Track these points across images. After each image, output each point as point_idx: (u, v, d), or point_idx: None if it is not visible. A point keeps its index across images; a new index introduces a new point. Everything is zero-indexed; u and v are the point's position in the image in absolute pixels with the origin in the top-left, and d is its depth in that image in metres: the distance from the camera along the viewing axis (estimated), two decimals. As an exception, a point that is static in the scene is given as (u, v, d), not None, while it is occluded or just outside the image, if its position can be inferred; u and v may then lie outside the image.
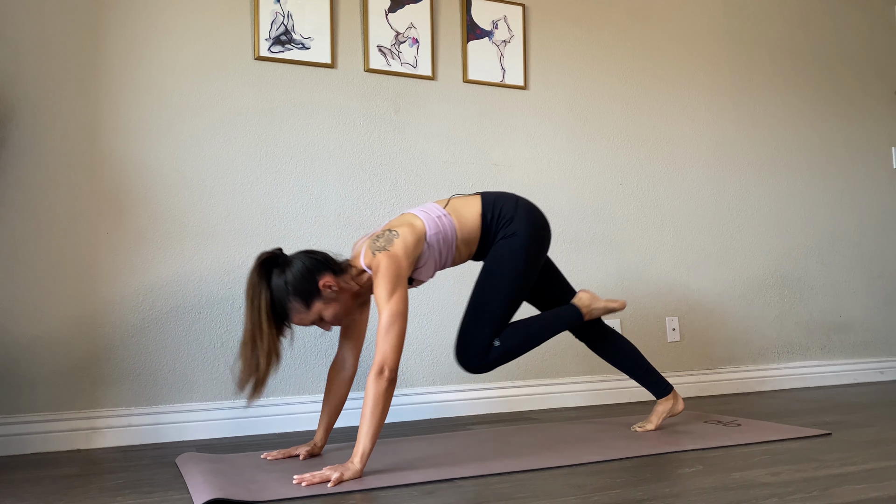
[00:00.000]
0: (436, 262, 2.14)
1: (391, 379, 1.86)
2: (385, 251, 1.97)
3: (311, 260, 1.96)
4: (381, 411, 1.84)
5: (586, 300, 2.35)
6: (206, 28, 2.70)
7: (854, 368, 3.82)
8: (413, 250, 2.02)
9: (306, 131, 2.82)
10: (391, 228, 2.05)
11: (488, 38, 3.15)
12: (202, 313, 2.62)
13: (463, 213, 2.19)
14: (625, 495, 1.63)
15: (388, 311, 1.89)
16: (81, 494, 1.77)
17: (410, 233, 2.04)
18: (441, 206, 2.20)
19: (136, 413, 2.49)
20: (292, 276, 1.92)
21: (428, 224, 2.10)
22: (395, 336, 1.88)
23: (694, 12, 3.63)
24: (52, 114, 2.48)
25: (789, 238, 3.76)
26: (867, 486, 1.67)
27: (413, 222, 2.08)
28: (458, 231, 2.16)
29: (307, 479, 1.74)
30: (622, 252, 3.35)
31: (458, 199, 2.24)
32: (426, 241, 2.08)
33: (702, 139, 3.59)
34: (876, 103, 4.05)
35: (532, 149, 3.21)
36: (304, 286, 1.93)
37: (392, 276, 1.93)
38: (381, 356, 1.87)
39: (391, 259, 1.95)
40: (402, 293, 1.93)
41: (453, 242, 2.16)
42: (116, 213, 2.53)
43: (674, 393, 2.47)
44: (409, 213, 2.15)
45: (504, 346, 2.18)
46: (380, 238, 2.02)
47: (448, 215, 2.16)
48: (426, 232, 2.09)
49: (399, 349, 1.89)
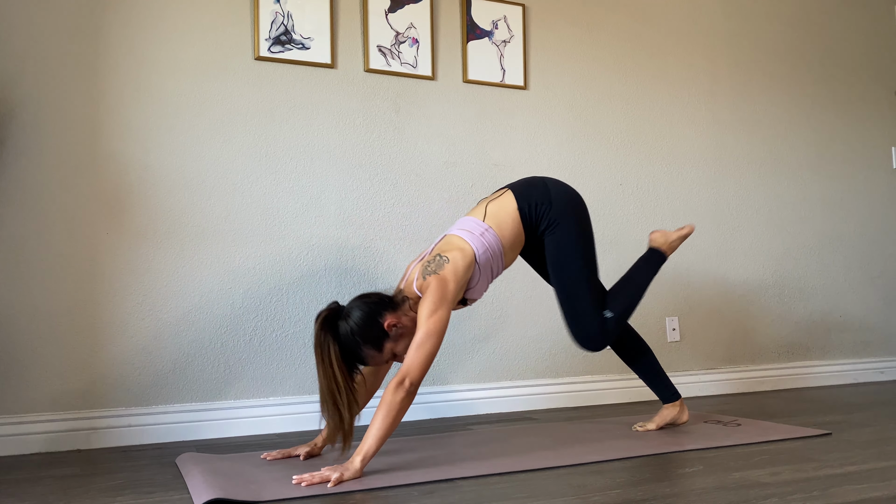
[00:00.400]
0: (487, 279, 2.17)
1: (410, 392, 1.87)
2: (435, 275, 2.01)
3: (368, 305, 1.99)
4: (392, 419, 1.84)
5: (660, 239, 2.44)
6: (206, 28, 2.70)
7: (854, 368, 3.82)
8: (463, 275, 2.06)
9: (306, 131, 2.82)
10: (441, 253, 2.07)
11: (488, 38, 3.15)
12: (202, 313, 2.62)
13: (502, 218, 2.19)
14: (625, 495, 1.63)
15: (426, 328, 1.92)
16: (81, 494, 1.77)
17: (461, 258, 2.06)
18: (479, 218, 2.19)
19: (136, 413, 2.49)
20: (357, 326, 1.96)
21: (476, 246, 2.11)
22: (425, 352, 1.90)
23: (694, 12, 3.63)
24: (53, 114, 2.48)
25: (789, 238, 3.76)
26: (867, 486, 1.67)
27: (462, 247, 2.10)
28: (502, 241, 2.17)
29: (306, 480, 1.74)
30: (622, 252, 3.35)
31: (492, 203, 2.23)
32: (477, 263, 2.10)
33: (702, 139, 3.59)
34: (876, 103, 4.05)
35: (532, 149, 3.21)
36: (371, 332, 1.97)
37: (437, 298, 1.97)
38: (406, 368, 1.89)
39: (440, 282, 2.00)
40: (443, 315, 1.96)
41: (500, 254, 2.18)
42: (116, 213, 2.53)
43: (681, 402, 2.47)
44: (454, 237, 2.15)
45: (616, 313, 2.27)
46: (431, 263, 2.06)
47: (490, 229, 2.16)
48: (475, 255, 2.10)
49: (426, 366, 1.91)
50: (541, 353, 3.15)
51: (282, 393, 2.70)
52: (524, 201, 2.22)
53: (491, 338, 3.06)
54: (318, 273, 2.79)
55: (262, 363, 2.69)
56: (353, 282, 2.84)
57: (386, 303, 2.02)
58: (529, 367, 3.13)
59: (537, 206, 2.22)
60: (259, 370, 2.68)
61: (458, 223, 2.22)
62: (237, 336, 2.66)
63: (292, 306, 2.74)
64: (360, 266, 2.85)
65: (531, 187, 2.26)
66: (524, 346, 3.12)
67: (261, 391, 2.67)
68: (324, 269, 2.80)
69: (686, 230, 2.47)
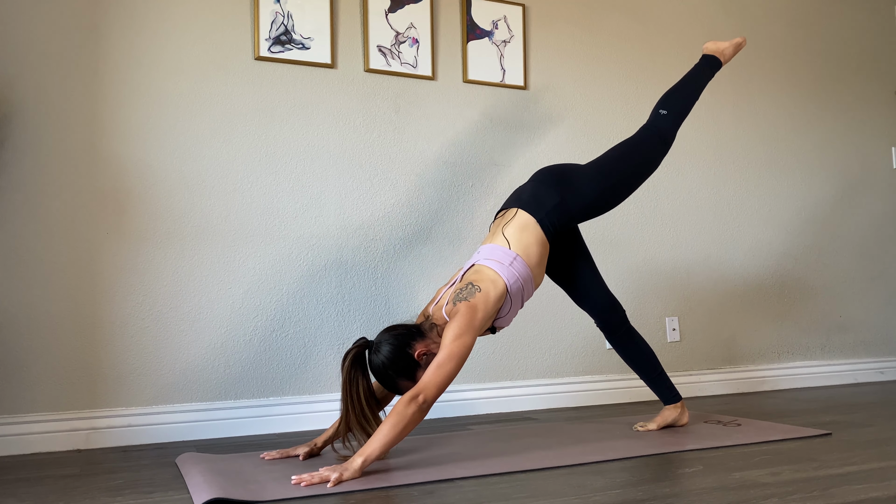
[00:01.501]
0: (516, 308, 2.18)
1: (423, 409, 1.87)
2: (466, 301, 2.01)
3: (395, 337, 2.00)
4: (400, 430, 1.84)
5: (712, 47, 2.58)
6: (206, 28, 2.70)
7: (854, 368, 3.82)
8: (494, 306, 2.05)
9: (306, 131, 2.82)
10: (473, 282, 2.07)
11: (488, 38, 3.15)
12: (202, 313, 2.62)
13: (527, 242, 2.17)
14: (625, 495, 1.63)
15: (449, 350, 1.92)
16: (81, 494, 1.77)
17: (493, 289, 2.06)
18: (505, 246, 2.16)
19: (136, 413, 2.49)
20: (388, 360, 1.97)
21: (507, 277, 2.10)
22: (445, 373, 1.90)
23: (694, 12, 3.63)
24: (53, 114, 2.48)
25: (789, 238, 3.76)
26: (867, 486, 1.67)
27: (494, 279, 2.08)
28: (530, 266, 2.16)
29: (306, 480, 1.74)
30: (622, 252, 3.35)
31: (508, 227, 2.20)
32: (509, 293, 2.10)
33: (702, 139, 3.59)
34: (876, 103, 4.05)
35: (532, 149, 3.21)
36: (403, 363, 1.98)
37: (465, 323, 1.97)
38: (423, 384, 1.88)
39: (469, 308, 2.00)
40: (468, 341, 1.95)
41: (531, 279, 2.17)
42: (116, 213, 2.53)
43: (682, 403, 2.47)
44: (486, 268, 2.12)
45: (670, 111, 2.39)
46: (463, 290, 2.06)
47: (518, 257, 2.14)
48: (507, 286, 2.09)
49: (443, 387, 1.90)
50: (541, 353, 3.15)
51: (282, 393, 2.70)
52: (539, 212, 2.21)
53: (491, 338, 3.06)
54: (318, 273, 2.79)
55: (262, 363, 2.69)
56: (353, 282, 2.84)
57: (413, 333, 2.03)
58: (529, 367, 3.13)
59: (554, 208, 2.21)
60: (259, 370, 2.68)
61: (485, 252, 2.17)
62: (237, 336, 2.66)
63: (292, 306, 2.74)
64: (360, 266, 2.86)
65: (532, 195, 2.25)
66: (524, 346, 3.12)
67: (261, 391, 2.67)
68: (324, 269, 2.80)
69: (739, 39, 2.60)
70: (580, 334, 3.20)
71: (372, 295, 2.87)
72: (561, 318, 3.18)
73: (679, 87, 2.49)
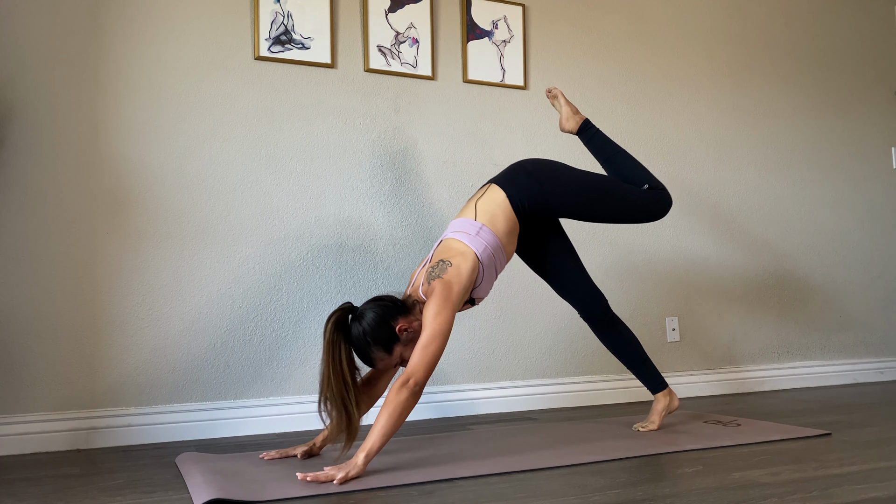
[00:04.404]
0: (491, 277, 2.19)
1: (415, 392, 1.88)
2: (440, 279, 2.03)
3: (381, 308, 2.01)
4: (397, 418, 1.85)
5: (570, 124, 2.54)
6: (206, 28, 2.70)
7: (854, 368, 3.82)
8: (468, 278, 2.07)
9: (306, 131, 2.82)
10: (444, 259, 2.09)
11: (488, 38, 3.15)
12: (202, 313, 2.62)
13: (493, 212, 2.21)
14: (625, 495, 1.63)
15: (431, 329, 1.94)
16: (81, 494, 1.77)
17: (463, 261, 2.08)
18: (471, 217, 2.20)
19: (136, 413, 2.49)
20: (369, 328, 1.98)
21: (475, 247, 2.12)
22: (431, 353, 1.92)
23: (694, 12, 3.63)
24: (53, 114, 2.48)
25: (789, 238, 3.76)
26: (867, 486, 1.67)
27: (463, 251, 2.11)
28: (499, 236, 2.18)
29: (311, 477, 1.75)
30: (622, 252, 3.35)
31: (480, 201, 2.25)
32: (480, 263, 2.12)
33: (702, 139, 3.59)
34: (875, 103, 4.05)
35: (532, 149, 3.21)
36: (383, 334, 1.98)
37: (442, 300, 1.98)
38: (411, 368, 1.90)
39: (444, 285, 2.01)
40: (448, 316, 1.97)
41: (500, 248, 2.19)
42: (116, 213, 2.53)
43: (669, 389, 2.50)
44: (453, 240, 2.16)
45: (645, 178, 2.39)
46: (435, 269, 2.08)
47: (483, 227, 2.17)
48: (477, 255, 2.11)
49: (431, 367, 1.92)
50: (541, 353, 3.15)
51: (282, 393, 2.70)
52: (512, 189, 2.24)
53: (491, 338, 3.07)
54: (318, 273, 2.79)
55: (262, 363, 2.69)
56: (353, 282, 2.84)
57: (399, 307, 2.04)
58: (529, 367, 3.13)
59: (527, 188, 2.24)
60: (259, 370, 2.68)
61: (452, 226, 2.23)
62: (237, 336, 2.66)
63: (292, 306, 2.74)
64: (360, 266, 2.86)
65: (513, 174, 2.28)
66: (524, 346, 3.12)
67: (261, 391, 2.67)
68: (324, 269, 2.80)
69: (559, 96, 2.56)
70: (580, 334, 3.19)
71: (372, 294, 2.86)
72: (561, 319, 3.18)
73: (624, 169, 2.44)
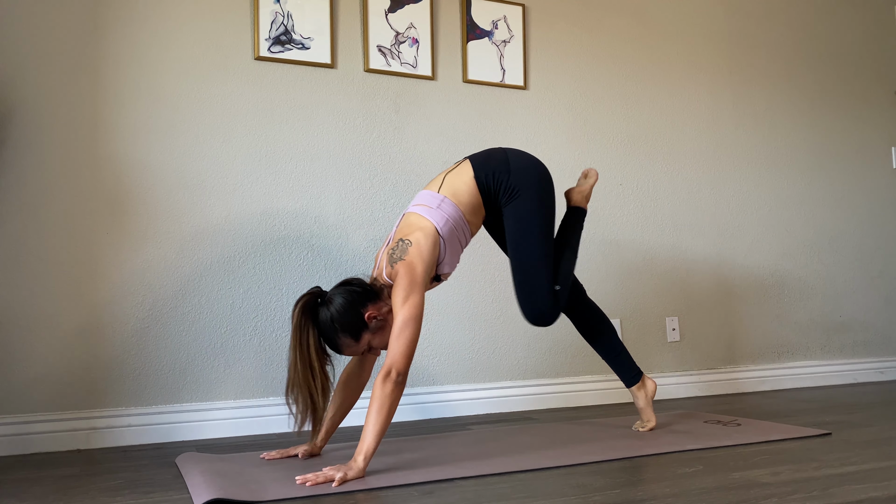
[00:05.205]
0: (456, 250, 2.16)
1: (399, 382, 1.87)
2: (402, 261, 2.00)
3: (351, 294, 1.98)
4: (386, 413, 1.84)
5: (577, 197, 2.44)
6: (206, 28, 2.70)
7: (854, 368, 3.82)
8: (430, 255, 2.04)
9: (306, 131, 2.82)
10: (403, 238, 2.06)
11: (488, 38, 3.15)
12: (202, 313, 2.62)
13: (458, 187, 2.17)
14: (625, 495, 1.63)
15: (402, 315, 1.91)
16: (81, 494, 1.77)
17: (423, 237, 2.04)
18: (434, 190, 2.18)
19: (136, 413, 2.49)
20: (337, 314, 1.95)
21: (435, 220, 2.09)
22: (406, 340, 1.90)
23: (694, 12, 3.63)
24: (53, 114, 2.48)
25: (789, 238, 3.76)
26: (867, 486, 1.67)
27: (423, 225, 2.08)
28: (461, 209, 2.15)
29: (311, 479, 1.74)
30: (622, 252, 3.35)
31: (449, 174, 2.22)
32: (441, 237, 2.09)
33: (702, 139, 3.59)
34: (876, 103, 4.05)
35: (532, 149, 3.21)
36: (350, 321, 1.96)
37: (408, 283, 1.95)
38: (391, 359, 1.88)
39: (407, 267, 1.98)
40: (417, 299, 1.94)
41: (463, 222, 2.16)
42: (116, 213, 2.53)
43: (643, 377, 2.47)
44: (413, 215, 2.14)
45: (562, 285, 2.24)
46: (395, 250, 2.04)
47: (446, 199, 2.14)
48: (437, 229, 2.08)
49: (410, 354, 1.90)
50: (541, 353, 3.15)
51: (282, 393, 2.70)
52: (481, 170, 2.19)
53: (491, 338, 3.07)
54: (318, 273, 2.79)
55: (263, 363, 2.69)
56: (353, 282, 2.84)
57: (368, 292, 2.01)
58: (529, 367, 3.13)
59: (495, 174, 2.19)
60: (259, 370, 2.68)
61: (416, 198, 2.20)
62: (237, 336, 2.66)
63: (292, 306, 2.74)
64: (359, 266, 2.85)
65: (490, 157, 2.24)
66: (524, 346, 3.12)
67: (261, 391, 2.67)
68: (324, 269, 2.80)
69: (593, 179, 2.48)
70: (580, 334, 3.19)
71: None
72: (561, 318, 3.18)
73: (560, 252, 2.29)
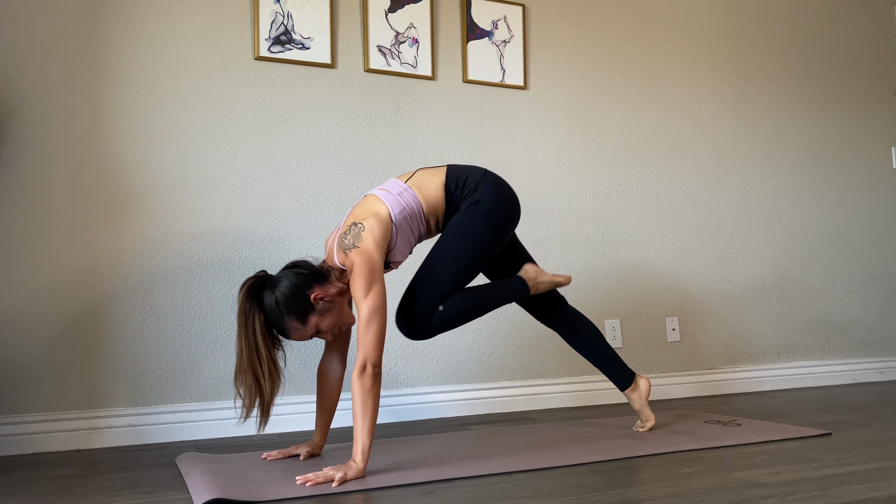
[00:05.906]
0: (408, 240, 2.10)
1: (376, 374, 1.86)
2: (355, 248, 1.95)
3: (297, 276, 1.96)
4: (371, 407, 1.84)
5: (532, 273, 2.29)
6: (206, 28, 2.70)
7: (854, 368, 3.82)
8: (382, 240, 1.99)
9: (306, 131, 2.82)
10: (356, 221, 2.01)
11: (488, 38, 3.15)
12: (202, 313, 2.62)
13: (426, 184, 2.14)
14: (625, 495, 1.63)
15: (367, 307, 1.89)
16: (81, 494, 1.77)
17: (376, 222, 2.00)
18: (403, 180, 2.15)
19: (136, 413, 2.49)
20: (282, 296, 1.93)
21: (391, 205, 2.05)
22: (375, 331, 1.88)
23: (694, 12, 3.63)
24: (53, 114, 2.48)
25: (789, 238, 3.76)
26: (867, 486, 1.67)
27: (377, 209, 2.04)
28: (423, 203, 2.11)
29: (311, 480, 1.74)
30: (622, 252, 3.35)
31: (424, 171, 2.19)
32: (393, 223, 2.04)
33: (702, 139, 3.59)
34: (875, 103, 4.05)
35: (532, 149, 3.21)
36: (297, 304, 1.94)
37: (366, 273, 1.91)
38: (363, 353, 1.86)
39: (362, 255, 1.94)
40: (379, 288, 1.91)
41: (421, 216, 2.11)
42: (116, 213, 2.53)
43: (636, 377, 2.44)
44: (372, 196, 2.10)
45: (447, 313, 2.08)
46: (347, 235, 2.00)
47: (409, 189, 2.11)
48: (391, 215, 2.04)
49: (380, 344, 1.88)
50: (541, 353, 3.15)
51: (282, 393, 2.70)
52: (453, 178, 2.16)
53: (491, 338, 3.07)
54: (318, 273, 2.79)
55: (262, 363, 2.68)
56: (353, 282, 2.84)
57: (316, 275, 1.98)
58: (529, 367, 3.13)
59: (464, 185, 2.14)
60: (259, 370, 2.68)
61: (383, 183, 2.17)
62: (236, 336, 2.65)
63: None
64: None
65: (469, 170, 2.19)
66: (523, 346, 3.12)
67: (261, 391, 2.67)
68: (324, 269, 2.80)
69: (562, 279, 2.32)
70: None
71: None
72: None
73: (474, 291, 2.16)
